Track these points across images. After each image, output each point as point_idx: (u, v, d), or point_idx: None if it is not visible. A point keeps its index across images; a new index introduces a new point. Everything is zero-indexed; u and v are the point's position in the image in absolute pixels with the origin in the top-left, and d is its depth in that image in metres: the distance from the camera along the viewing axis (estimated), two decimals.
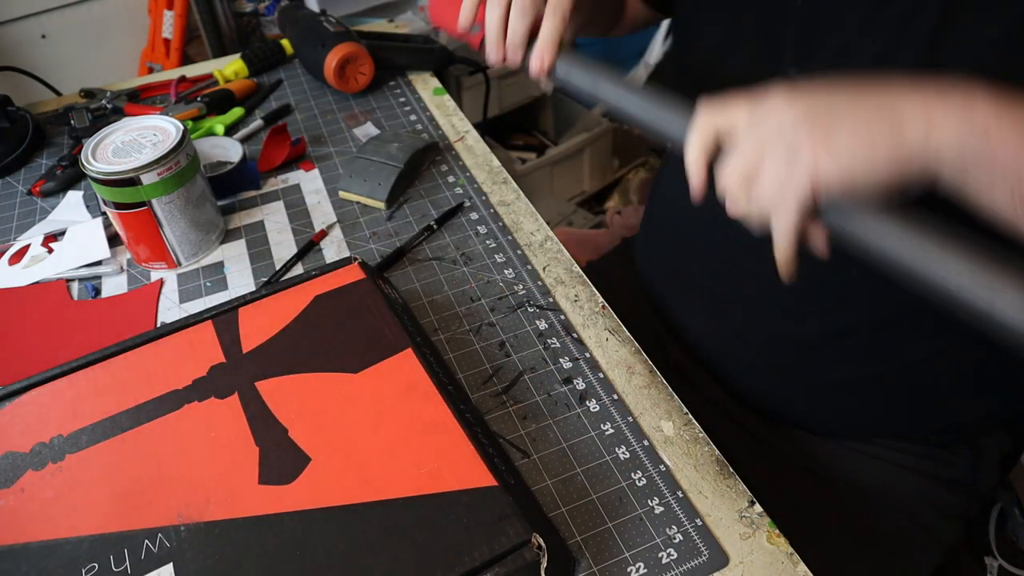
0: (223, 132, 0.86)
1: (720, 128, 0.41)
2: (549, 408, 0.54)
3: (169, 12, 1.82)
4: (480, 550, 0.40)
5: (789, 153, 0.37)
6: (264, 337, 0.53)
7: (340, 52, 0.89)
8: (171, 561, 0.41)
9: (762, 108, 0.39)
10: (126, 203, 0.63)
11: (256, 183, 0.79)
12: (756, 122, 0.39)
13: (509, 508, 0.42)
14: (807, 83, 0.39)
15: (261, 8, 1.89)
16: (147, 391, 0.50)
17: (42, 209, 0.78)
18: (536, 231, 0.71)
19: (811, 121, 0.37)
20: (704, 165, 0.42)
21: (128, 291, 0.67)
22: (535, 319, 0.61)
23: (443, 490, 0.43)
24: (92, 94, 0.95)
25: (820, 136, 0.36)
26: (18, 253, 0.71)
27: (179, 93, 0.94)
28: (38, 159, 0.86)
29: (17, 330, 0.63)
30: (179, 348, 0.53)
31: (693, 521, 0.47)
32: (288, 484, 0.44)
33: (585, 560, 0.45)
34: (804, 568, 0.45)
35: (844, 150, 0.36)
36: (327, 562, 0.40)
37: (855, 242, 0.39)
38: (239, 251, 0.71)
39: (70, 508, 0.43)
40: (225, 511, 0.43)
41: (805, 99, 0.38)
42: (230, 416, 0.48)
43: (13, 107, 0.88)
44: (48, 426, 0.48)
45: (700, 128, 0.42)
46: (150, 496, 0.44)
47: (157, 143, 0.64)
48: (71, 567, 0.41)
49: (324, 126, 0.89)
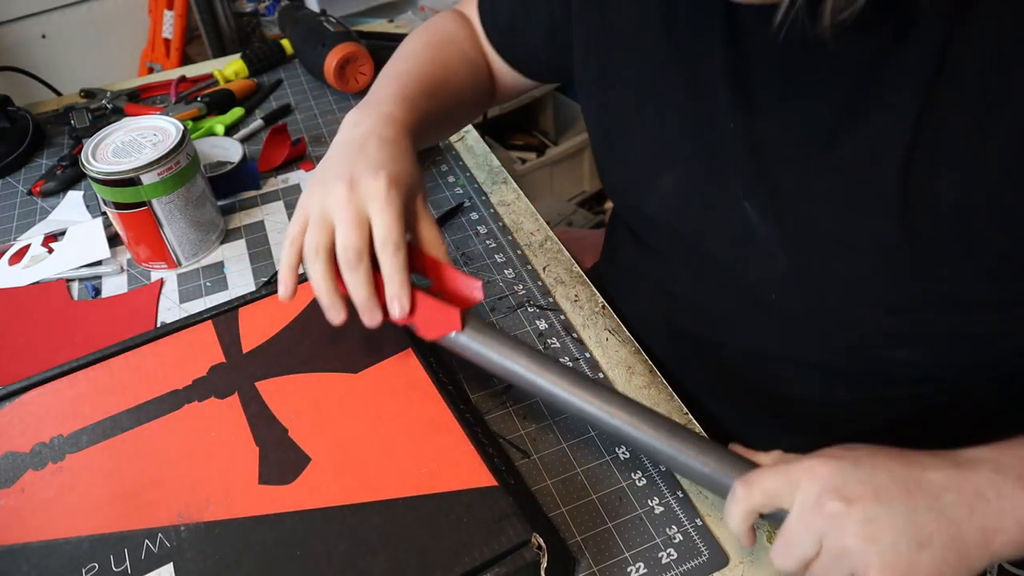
0: (223, 132, 0.86)
1: (764, 506, 0.40)
2: (549, 408, 0.54)
3: (169, 12, 1.82)
4: (480, 550, 0.40)
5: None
6: (264, 337, 0.53)
7: (340, 52, 0.89)
8: (171, 561, 0.41)
9: (817, 510, 0.38)
10: (126, 203, 0.64)
11: (256, 183, 0.79)
12: (811, 520, 0.38)
13: (509, 508, 0.42)
14: (843, 460, 0.39)
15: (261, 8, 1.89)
16: (147, 391, 0.50)
17: (42, 209, 0.78)
18: (536, 231, 0.71)
19: (881, 553, 0.36)
20: (749, 530, 0.41)
21: (128, 291, 0.67)
22: (535, 319, 0.61)
23: (443, 490, 0.43)
24: (92, 94, 0.95)
25: (888, 571, 0.36)
26: (18, 253, 0.71)
27: (179, 93, 0.94)
28: (38, 159, 0.86)
29: (17, 330, 0.63)
30: (179, 348, 0.53)
31: (693, 521, 0.47)
32: (288, 484, 0.44)
33: (585, 560, 0.45)
34: None
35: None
36: (327, 562, 0.40)
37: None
38: (239, 251, 0.71)
39: (70, 508, 0.43)
40: (225, 511, 0.43)
41: (860, 506, 0.37)
42: (230, 416, 0.48)
43: (13, 107, 0.88)
44: (48, 426, 0.48)
45: (743, 507, 0.40)
46: (150, 496, 0.44)
47: (157, 143, 0.64)
48: (71, 567, 0.41)
49: (324, 126, 0.89)
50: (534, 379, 0.45)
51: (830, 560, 0.38)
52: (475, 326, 0.47)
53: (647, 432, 0.43)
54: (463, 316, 0.47)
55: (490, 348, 0.46)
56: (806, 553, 0.38)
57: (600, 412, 0.44)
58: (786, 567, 0.40)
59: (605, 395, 0.45)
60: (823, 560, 0.38)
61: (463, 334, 0.46)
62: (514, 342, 0.47)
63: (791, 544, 0.39)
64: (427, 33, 0.67)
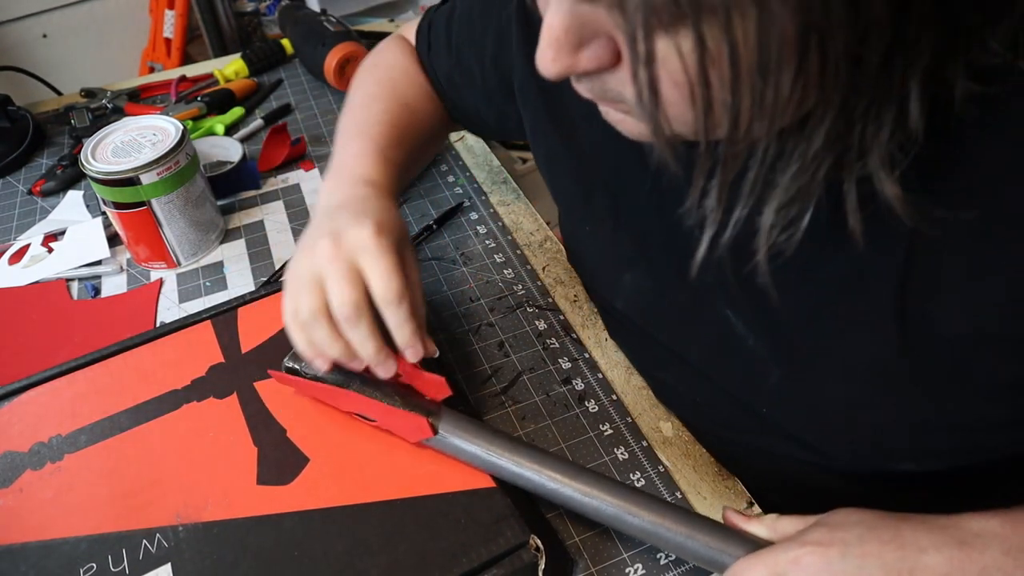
0: (223, 132, 0.86)
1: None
2: (548, 408, 0.54)
3: (170, 12, 1.82)
4: (478, 551, 0.40)
5: None
6: (263, 337, 0.53)
7: (340, 52, 0.89)
8: (169, 561, 0.41)
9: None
10: (126, 203, 0.64)
11: (256, 183, 0.79)
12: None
13: (507, 509, 0.42)
14: (831, 548, 0.36)
15: (262, 8, 1.89)
16: (146, 391, 0.50)
17: (42, 209, 0.78)
18: (536, 231, 0.71)
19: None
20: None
21: (128, 291, 0.67)
22: (534, 319, 0.61)
23: (441, 491, 0.43)
24: (92, 94, 0.95)
25: None
26: (18, 253, 0.71)
27: (179, 93, 0.94)
28: (38, 159, 0.86)
29: (17, 330, 0.63)
30: (178, 348, 0.53)
31: None
32: (286, 484, 0.44)
33: (583, 561, 0.45)
34: None
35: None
36: (325, 563, 0.40)
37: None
38: (239, 251, 0.71)
39: (68, 508, 0.43)
40: (223, 511, 0.43)
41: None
42: (229, 416, 0.48)
43: (13, 107, 0.88)
44: (47, 426, 0.48)
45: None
46: (148, 496, 0.44)
47: (157, 143, 0.64)
48: (69, 567, 0.41)
49: (324, 126, 0.89)
50: (514, 469, 0.44)
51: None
52: (448, 424, 0.45)
53: (641, 516, 0.42)
54: (431, 420, 0.44)
55: (469, 443, 0.44)
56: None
57: (587, 498, 0.42)
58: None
59: (591, 480, 0.43)
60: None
61: (437, 438, 0.44)
62: (491, 435, 0.44)
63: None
64: (378, 70, 0.64)
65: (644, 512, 0.41)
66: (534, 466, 0.43)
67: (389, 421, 0.45)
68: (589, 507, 0.42)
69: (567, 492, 0.43)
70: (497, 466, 0.44)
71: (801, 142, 0.29)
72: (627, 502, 0.42)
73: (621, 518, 0.42)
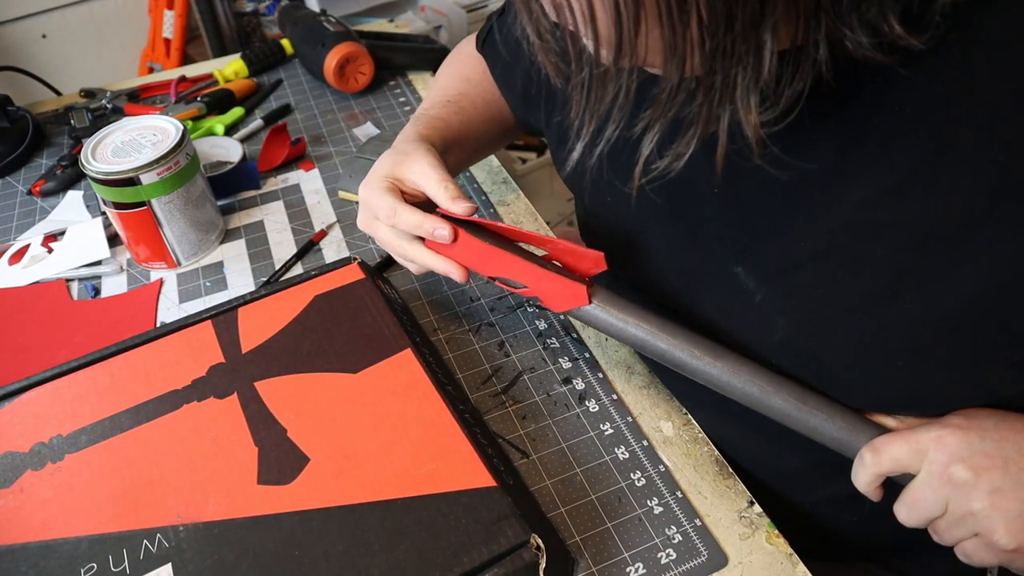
0: (223, 132, 0.86)
1: (891, 472, 0.42)
2: (548, 408, 0.54)
3: (169, 12, 1.82)
4: (479, 550, 0.40)
5: (988, 546, 0.39)
6: (263, 337, 0.53)
7: (340, 52, 0.89)
8: (170, 561, 0.41)
9: (945, 478, 0.39)
10: (126, 203, 0.64)
11: (256, 183, 0.79)
12: (938, 486, 0.40)
13: (508, 508, 0.42)
14: (970, 431, 0.39)
15: (261, 8, 1.89)
16: (146, 391, 0.50)
17: (42, 209, 0.78)
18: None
19: (1006, 520, 0.38)
20: (877, 489, 0.43)
21: (128, 291, 0.67)
22: (534, 319, 0.61)
23: (442, 490, 0.43)
24: (92, 94, 0.95)
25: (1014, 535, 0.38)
26: (18, 253, 0.71)
27: (179, 93, 0.94)
28: (38, 159, 0.86)
29: (17, 330, 0.63)
30: (178, 348, 0.53)
31: (692, 521, 0.47)
32: (287, 484, 0.44)
33: (584, 560, 0.45)
34: (803, 568, 0.45)
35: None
36: (326, 562, 0.40)
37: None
38: (239, 251, 0.71)
39: (69, 508, 0.43)
40: (224, 511, 0.43)
41: (987, 476, 0.38)
42: (229, 416, 0.48)
43: (13, 107, 0.88)
44: (47, 426, 0.48)
45: (870, 472, 0.42)
46: (149, 496, 0.44)
47: (157, 143, 0.64)
48: (70, 567, 0.41)
49: (324, 126, 0.89)
50: (661, 346, 0.47)
51: (955, 520, 0.39)
52: (602, 297, 0.49)
53: (778, 396, 0.44)
54: (589, 290, 0.48)
55: (616, 319, 0.48)
56: (931, 513, 0.40)
57: (729, 377, 0.45)
58: (908, 522, 0.42)
59: (733, 360, 0.46)
60: (947, 519, 0.40)
61: (590, 307, 0.49)
62: (641, 311, 0.48)
63: (915, 505, 0.41)
64: (457, 54, 0.72)
65: (784, 393, 0.44)
66: (681, 343, 0.46)
67: (543, 287, 0.48)
68: (732, 387, 0.45)
69: (710, 371, 0.46)
70: (643, 341, 0.47)
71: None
72: (769, 384, 0.44)
73: (764, 399, 0.45)
